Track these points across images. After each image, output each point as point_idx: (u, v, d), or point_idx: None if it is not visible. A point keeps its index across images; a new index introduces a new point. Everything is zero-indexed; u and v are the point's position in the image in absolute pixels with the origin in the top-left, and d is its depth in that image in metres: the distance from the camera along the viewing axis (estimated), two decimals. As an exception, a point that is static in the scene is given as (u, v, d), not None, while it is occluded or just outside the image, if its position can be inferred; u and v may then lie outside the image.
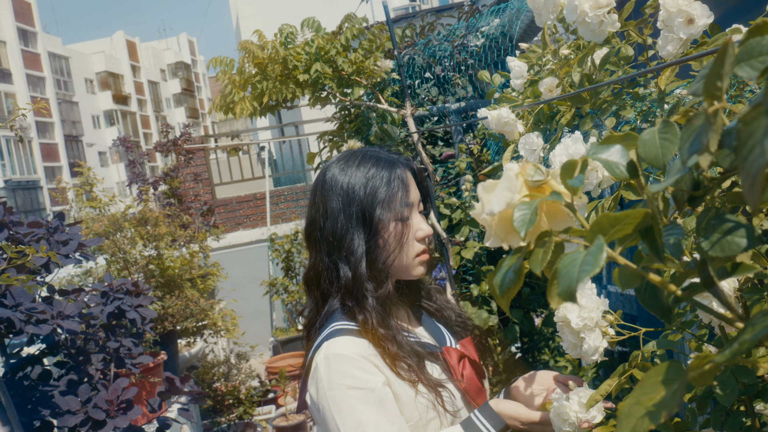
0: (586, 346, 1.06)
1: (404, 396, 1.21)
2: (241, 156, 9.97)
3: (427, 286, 1.51)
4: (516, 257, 0.51)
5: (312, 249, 1.33)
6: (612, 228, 0.41)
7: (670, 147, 0.47)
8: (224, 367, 5.23)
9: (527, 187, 0.52)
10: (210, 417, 4.83)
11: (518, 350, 3.35)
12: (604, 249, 0.39)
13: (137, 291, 2.29)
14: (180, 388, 2.57)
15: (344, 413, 1.15)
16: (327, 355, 1.20)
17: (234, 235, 8.08)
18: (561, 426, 1.19)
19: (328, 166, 1.34)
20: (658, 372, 0.40)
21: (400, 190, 1.28)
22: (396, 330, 1.26)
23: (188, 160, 5.86)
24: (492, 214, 0.50)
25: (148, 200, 3.93)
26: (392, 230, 1.27)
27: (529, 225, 0.47)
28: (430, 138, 3.16)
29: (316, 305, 1.33)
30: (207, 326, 4.14)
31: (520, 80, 1.60)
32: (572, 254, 0.42)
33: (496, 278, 0.51)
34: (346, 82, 2.62)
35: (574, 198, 0.50)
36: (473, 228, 2.89)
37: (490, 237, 0.52)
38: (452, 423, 1.27)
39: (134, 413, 2.07)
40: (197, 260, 4.16)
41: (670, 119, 0.48)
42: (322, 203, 1.30)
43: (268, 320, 7.95)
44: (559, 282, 0.40)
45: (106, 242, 3.49)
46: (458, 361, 1.33)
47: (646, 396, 0.39)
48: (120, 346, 2.23)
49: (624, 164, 0.49)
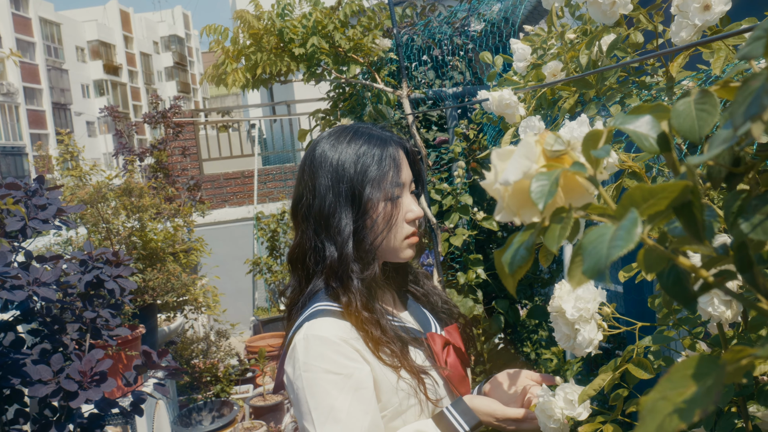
0: (581, 338, 1.02)
1: (385, 382, 1.17)
2: (230, 133, 9.86)
3: (415, 271, 1.47)
4: (529, 233, 0.46)
5: (298, 227, 1.28)
6: (645, 202, 0.37)
7: (708, 119, 0.42)
8: (203, 344, 5.18)
9: (545, 157, 0.47)
10: (187, 393, 4.79)
11: (501, 341, 3.33)
12: (639, 223, 0.34)
13: (117, 261, 2.23)
14: (157, 362, 2.51)
15: (318, 397, 1.11)
16: (307, 336, 1.15)
17: (220, 212, 8.01)
18: (546, 422, 1.16)
19: (318, 142, 1.29)
20: (687, 365, 0.36)
21: (391, 169, 1.23)
22: (380, 314, 1.22)
23: (177, 134, 5.76)
24: (506, 183, 0.45)
25: (134, 171, 3.86)
26: (381, 210, 1.23)
27: (548, 197, 0.43)
28: (424, 122, 3.11)
29: (300, 285, 1.29)
30: (188, 302, 4.09)
31: (523, 63, 1.55)
32: (600, 228, 0.37)
33: (505, 255, 0.47)
34: (343, 59, 2.56)
35: (596, 171, 0.46)
36: (463, 215, 2.85)
37: (501, 210, 0.47)
38: (433, 411, 1.23)
39: (108, 386, 2.02)
40: (181, 234, 4.09)
41: (709, 89, 0.44)
42: (310, 180, 1.25)
43: (250, 299, 7.91)
44: (585, 259, 0.36)
45: (89, 211, 3.41)
46: (442, 348, 1.29)
47: (675, 391, 0.35)
48: (97, 317, 2.17)
49: (654, 136, 0.45)
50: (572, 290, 1.06)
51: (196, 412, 4.37)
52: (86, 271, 2.16)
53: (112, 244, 3.45)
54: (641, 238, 0.34)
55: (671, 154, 0.44)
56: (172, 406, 4.20)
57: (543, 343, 3.23)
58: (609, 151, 0.44)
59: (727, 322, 0.88)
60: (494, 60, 1.66)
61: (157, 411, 3.66)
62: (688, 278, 0.43)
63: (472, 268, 2.89)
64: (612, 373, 1.01)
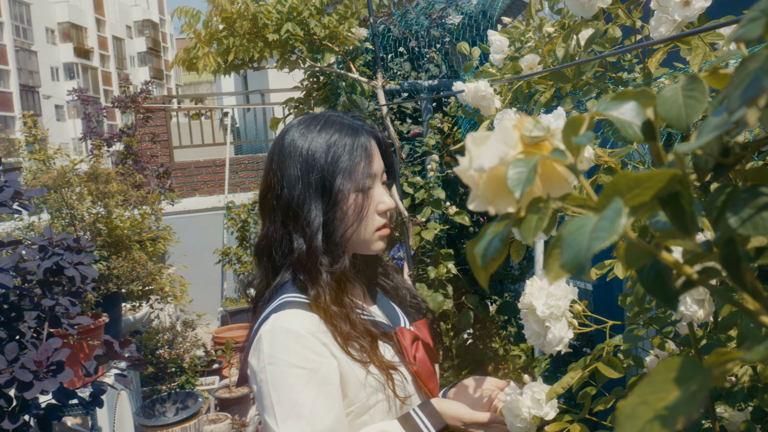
0: (551, 335, 1.00)
1: (352, 377, 1.14)
2: (203, 121, 9.72)
3: (385, 264, 1.44)
4: (504, 224, 0.43)
5: (266, 217, 1.24)
6: (630, 191, 0.34)
7: (696, 106, 0.40)
8: (169, 334, 5.09)
9: (523, 143, 0.44)
10: (151, 384, 4.71)
11: (470, 336, 3.32)
12: (624, 213, 0.31)
13: (79, 247, 2.16)
14: (119, 352, 2.44)
15: (281, 391, 1.08)
16: (273, 328, 1.12)
17: (190, 201, 7.88)
18: (513, 421, 1.14)
19: (287, 129, 1.25)
20: (669, 368, 0.34)
21: (363, 159, 1.20)
22: (350, 308, 1.19)
23: (146, 119, 5.62)
24: (481, 170, 0.42)
25: (101, 156, 3.75)
26: (352, 202, 1.19)
27: (525, 185, 0.40)
28: (399, 114, 3.08)
29: (266, 277, 1.25)
30: (154, 291, 4.00)
31: (500, 55, 1.53)
32: (580, 219, 0.34)
33: (477, 246, 0.44)
34: (317, 47, 2.51)
35: (577, 160, 0.43)
36: (435, 209, 2.83)
37: (476, 198, 0.45)
38: (401, 408, 1.21)
39: (65, 376, 1.96)
40: (148, 222, 4.01)
41: (698, 75, 0.41)
42: (279, 169, 1.21)
43: (218, 289, 7.82)
44: (563, 251, 0.33)
45: (53, 196, 3.31)
46: (411, 343, 1.27)
47: (656, 395, 0.32)
48: (56, 305, 2.10)
49: (639, 124, 0.42)
50: (543, 287, 1.04)
51: (159, 404, 4.29)
52: (46, 257, 2.09)
53: (75, 230, 3.36)
54: (624, 231, 0.32)
55: (656, 143, 0.42)
56: (135, 397, 4.12)
57: (512, 339, 3.23)
58: (591, 138, 0.41)
59: (698, 322, 0.87)
60: (471, 51, 1.64)
61: (119, 402, 3.59)
62: (670, 275, 0.40)
63: (443, 262, 2.87)
64: (581, 372, 1.00)
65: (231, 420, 4.67)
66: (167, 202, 5.73)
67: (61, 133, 38.96)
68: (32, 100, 39.29)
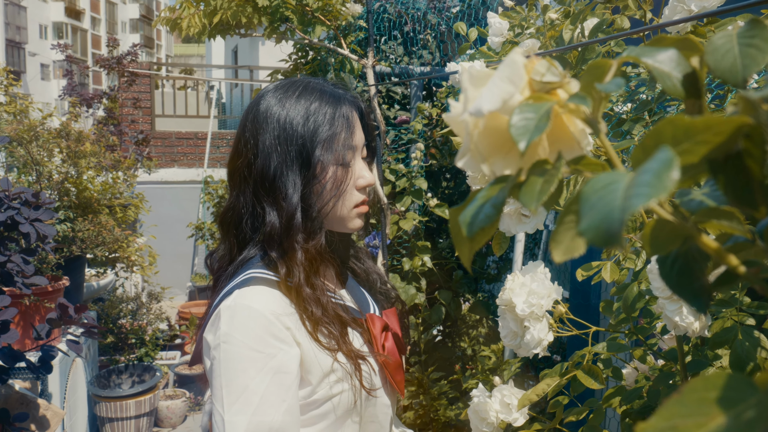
0: (529, 336, 0.92)
1: (316, 364, 1.05)
2: (188, 92, 9.52)
3: (356, 246, 1.35)
4: (499, 187, 0.35)
5: (234, 187, 1.15)
6: (677, 146, 0.25)
7: (757, 56, 0.31)
8: (133, 305, 4.97)
9: (531, 89, 0.35)
10: (109, 354, 4.58)
11: (440, 333, 3.25)
12: (676, 164, 0.23)
13: (37, 203, 2.04)
14: (74, 317, 2.32)
15: (232, 373, 0.99)
16: (235, 305, 1.02)
17: (168, 171, 7.72)
18: (479, 425, 1.06)
19: (263, 95, 1.15)
20: (708, 385, 0.25)
21: (344, 130, 1.11)
22: (321, 290, 1.10)
23: (130, 83, 5.45)
24: (479, 114, 0.33)
25: (77, 116, 3.61)
26: (332, 175, 1.10)
27: (534, 133, 0.31)
28: (387, 99, 2.99)
29: (231, 252, 1.15)
30: (119, 258, 3.88)
31: (499, 38, 1.44)
32: (607, 175, 0.26)
33: (464, 213, 0.35)
34: (309, 20, 2.40)
35: (599, 113, 0.34)
36: (416, 200, 2.75)
37: (467, 152, 0.36)
38: (366, 400, 1.12)
39: (10, 336, 1.85)
40: (120, 187, 3.87)
41: (760, 18, 0.33)
42: (252, 137, 1.11)
43: (189, 264, 7.68)
44: (585, 214, 0.24)
45: (19, 150, 3.17)
46: (381, 331, 1.18)
47: (691, 420, 0.24)
48: (8, 261, 1.98)
49: (679, 76, 0.33)
50: (525, 284, 0.95)
51: (116, 375, 4.17)
52: (0, 210, 1.97)
53: (41, 188, 3.22)
54: (673, 190, 0.23)
55: (699, 101, 0.33)
56: (91, 366, 3.99)
57: (481, 340, 3.16)
58: (621, 85, 0.32)
59: (693, 335, 0.79)
60: (468, 32, 1.55)
61: (74, 369, 3.46)
62: (702, 268, 0.32)
63: (418, 254, 2.79)
64: (558, 379, 0.92)
65: (187, 397, 4.57)
66: (144, 171, 5.57)
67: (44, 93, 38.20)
68: (17, 56, 38.47)
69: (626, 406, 1.05)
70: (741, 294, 0.93)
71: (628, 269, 1.10)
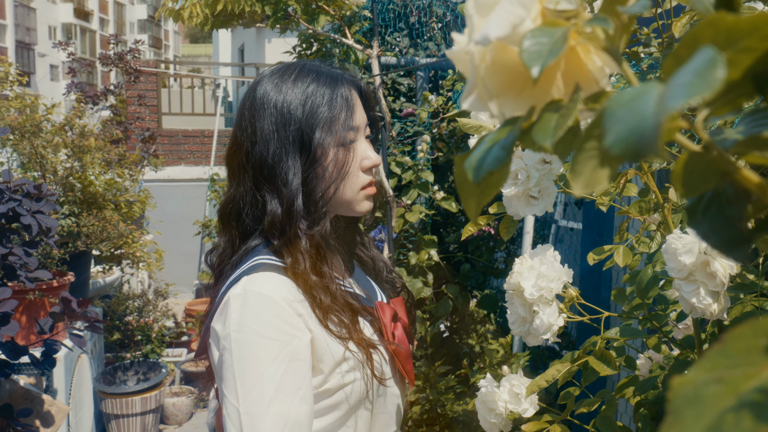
0: (538, 321, 0.88)
1: (327, 353, 1.02)
2: (195, 90, 9.51)
3: (362, 233, 1.32)
4: (509, 129, 0.31)
5: (234, 178, 1.11)
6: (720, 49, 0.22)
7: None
8: (140, 301, 4.95)
9: (543, 17, 0.32)
10: (115, 351, 4.57)
11: (446, 329, 3.21)
12: (721, 62, 0.19)
13: (39, 195, 2.01)
14: (77, 312, 2.30)
15: (246, 363, 0.95)
16: (245, 292, 0.98)
17: (174, 169, 7.71)
18: (486, 416, 1.03)
19: (259, 81, 1.12)
20: (757, 331, 0.21)
21: (343, 110, 1.08)
22: (329, 278, 1.06)
23: (134, 80, 5.42)
24: (486, 42, 0.29)
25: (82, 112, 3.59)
26: (333, 157, 1.07)
27: (548, 58, 0.27)
28: (392, 91, 2.95)
29: (232, 245, 1.12)
30: (125, 255, 3.86)
31: None
32: (637, 87, 0.22)
33: (470, 158, 0.31)
34: (313, 10, 2.37)
35: (621, 41, 0.31)
36: (422, 192, 2.71)
37: (473, 89, 0.32)
38: (378, 389, 1.08)
39: (10, 329, 1.83)
40: (125, 182, 3.85)
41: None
42: (250, 124, 1.08)
43: (196, 261, 7.67)
44: (610, 127, 0.20)
45: (24, 145, 3.16)
46: (391, 319, 1.15)
47: (738, 370, 0.20)
48: (9, 254, 1.96)
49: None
50: (534, 267, 0.92)
51: (122, 371, 4.16)
52: (2, 201, 1.94)
53: (45, 182, 3.21)
54: (719, 90, 0.19)
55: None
56: (96, 362, 3.98)
57: (489, 336, 3.12)
58: (647, 6, 0.29)
59: (712, 318, 0.75)
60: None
61: (79, 366, 3.45)
62: (740, 211, 0.28)
63: (425, 248, 2.76)
64: (569, 365, 0.88)
65: (193, 394, 4.55)
66: (150, 169, 5.55)
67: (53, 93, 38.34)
68: (27, 57, 38.68)
69: (640, 397, 1.01)
70: (761, 278, 0.89)
71: (641, 254, 1.06)
